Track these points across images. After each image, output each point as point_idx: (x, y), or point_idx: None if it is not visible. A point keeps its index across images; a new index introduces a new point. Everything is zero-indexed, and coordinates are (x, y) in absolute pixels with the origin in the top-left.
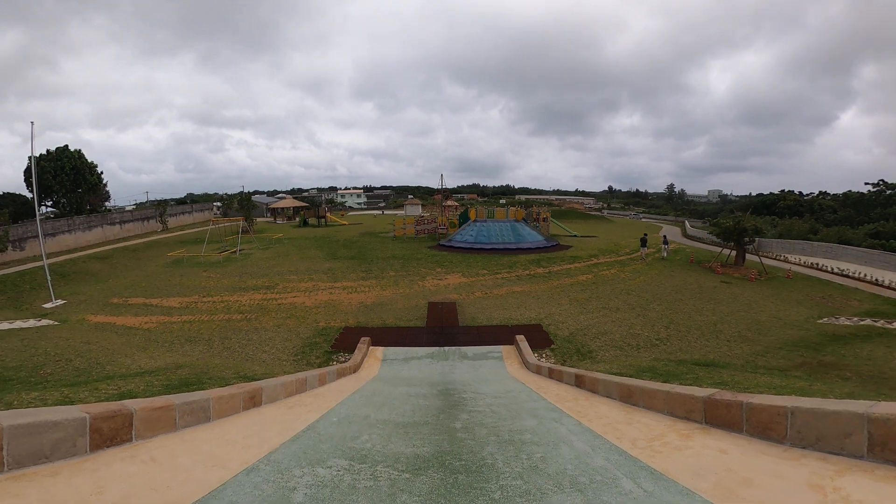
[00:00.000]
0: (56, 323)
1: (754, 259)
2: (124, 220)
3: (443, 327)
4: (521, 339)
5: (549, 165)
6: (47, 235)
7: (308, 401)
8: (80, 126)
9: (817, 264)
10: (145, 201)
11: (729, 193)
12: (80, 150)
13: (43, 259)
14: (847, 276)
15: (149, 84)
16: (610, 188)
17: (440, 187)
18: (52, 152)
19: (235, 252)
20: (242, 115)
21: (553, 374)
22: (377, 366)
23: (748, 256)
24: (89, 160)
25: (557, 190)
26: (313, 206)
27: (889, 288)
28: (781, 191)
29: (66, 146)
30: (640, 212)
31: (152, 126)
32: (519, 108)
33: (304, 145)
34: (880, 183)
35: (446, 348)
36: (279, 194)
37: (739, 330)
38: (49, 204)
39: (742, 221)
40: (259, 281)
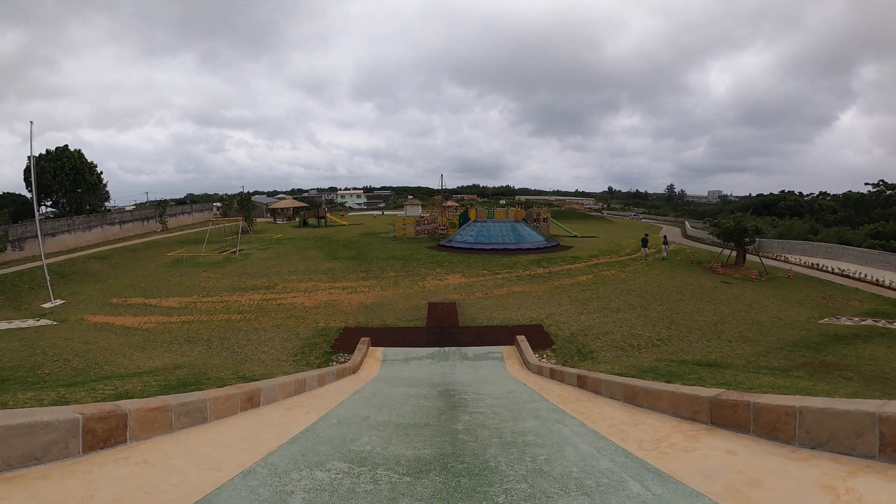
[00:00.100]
0: (55, 323)
1: (755, 259)
2: (124, 221)
3: (443, 328)
4: (521, 339)
5: (549, 166)
6: (47, 235)
7: (307, 402)
8: (81, 126)
9: (818, 265)
10: (145, 201)
11: (729, 194)
12: (79, 150)
13: (42, 259)
14: (847, 276)
15: (149, 84)
16: (610, 189)
17: (440, 188)
18: (51, 152)
19: (235, 252)
20: (242, 116)
21: (555, 375)
22: (377, 366)
23: (748, 257)
24: (89, 160)
25: (557, 191)
26: (313, 206)
27: (889, 288)
28: (781, 191)
29: (65, 146)
30: (640, 212)
31: (152, 126)
32: (519, 109)
33: (305, 146)
34: (880, 183)
35: (446, 349)
36: (279, 195)
37: (740, 330)
38: (49, 204)
39: (742, 222)
40: (258, 281)
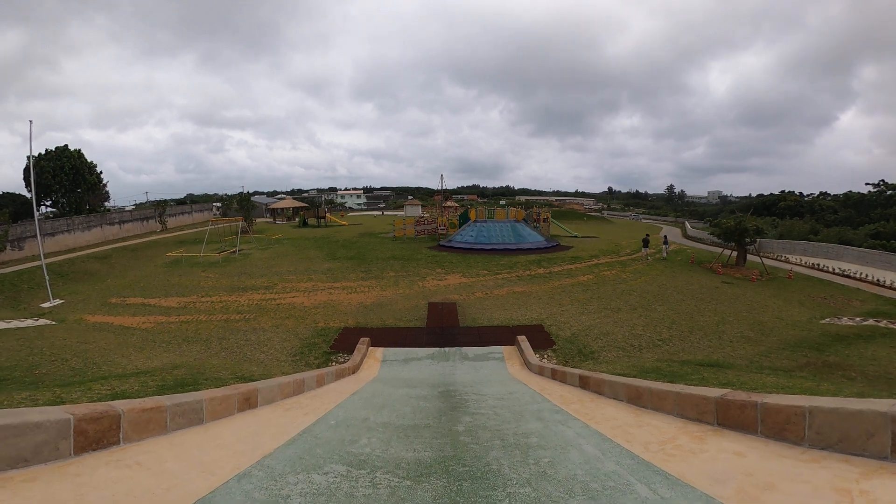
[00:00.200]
0: (53, 323)
1: (755, 259)
2: (123, 220)
3: (443, 328)
4: (522, 339)
5: (548, 166)
6: (46, 235)
7: (305, 402)
8: (81, 126)
9: (818, 265)
10: (145, 201)
11: (729, 194)
12: (79, 150)
13: (41, 259)
14: (848, 276)
15: (149, 84)
16: (610, 189)
17: (440, 188)
18: (51, 152)
19: (234, 252)
20: (243, 116)
21: (556, 375)
22: (377, 367)
23: (749, 257)
24: (89, 160)
25: (557, 191)
26: (313, 206)
27: (891, 288)
28: (782, 191)
29: (65, 146)
30: (640, 213)
31: (152, 126)
32: (519, 109)
33: (305, 146)
34: (881, 183)
35: (447, 349)
36: (279, 195)
37: (742, 330)
38: (48, 204)
39: (743, 222)
40: (258, 281)
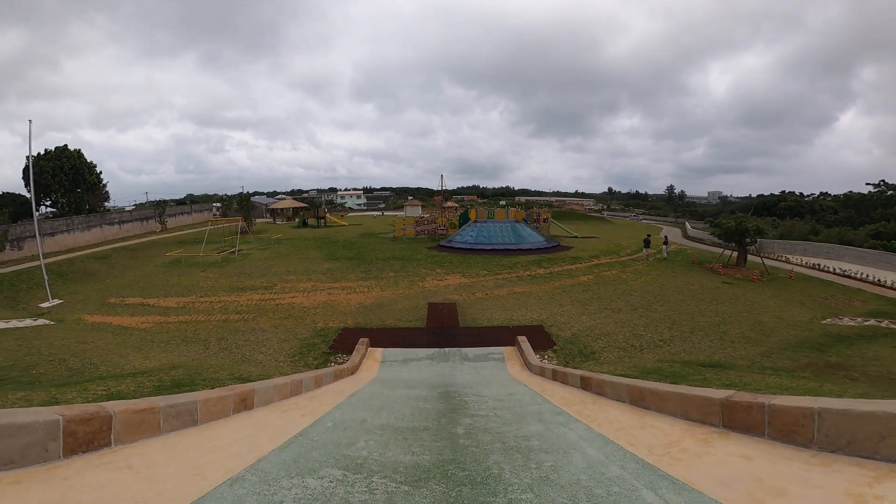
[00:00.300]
0: (52, 322)
1: (756, 260)
2: (123, 221)
3: (443, 328)
4: (522, 340)
5: (548, 167)
6: (46, 235)
7: (303, 404)
8: (81, 126)
9: (819, 265)
10: (145, 202)
11: (729, 195)
12: (79, 150)
13: (40, 259)
14: (849, 276)
15: (149, 85)
16: (610, 189)
17: (440, 188)
18: (50, 152)
19: (234, 252)
20: (243, 116)
21: (557, 376)
22: (376, 367)
23: (749, 257)
24: (88, 160)
25: (557, 191)
26: (313, 206)
27: (891, 288)
28: (782, 192)
29: (65, 146)
30: (640, 213)
31: (153, 127)
32: (519, 110)
33: (305, 146)
34: (881, 183)
35: (447, 349)
36: (279, 195)
37: (743, 331)
38: (48, 204)
39: (744, 222)
40: (257, 281)
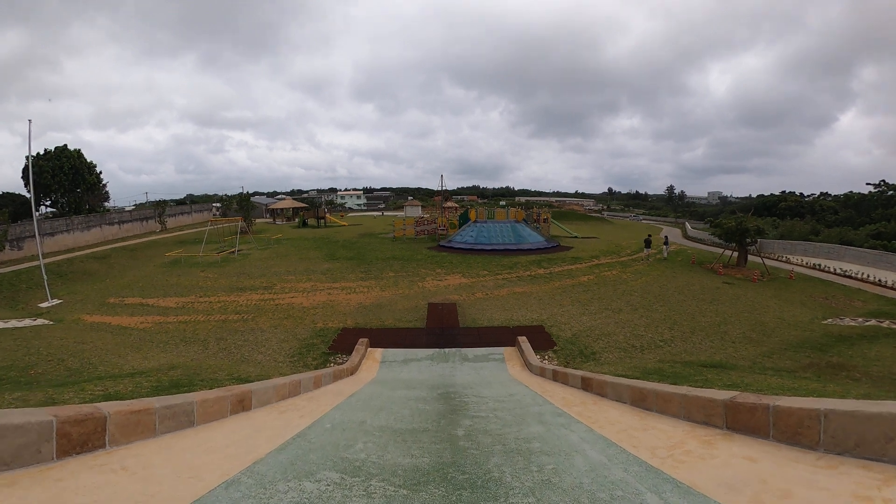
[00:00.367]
0: (51, 322)
1: (756, 260)
2: (123, 221)
3: (443, 328)
4: (523, 340)
5: (548, 167)
6: (45, 235)
7: (301, 405)
8: (81, 127)
9: (819, 265)
10: (145, 202)
11: (729, 195)
12: (79, 150)
13: (40, 258)
14: (849, 276)
15: (150, 85)
16: (610, 190)
17: (440, 188)
18: (50, 152)
19: (234, 252)
20: (243, 117)
21: (558, 377)
22: (375, 368)
23: (750, 257)
24: (88, 160)
25: (557, 192)
26: (313, 207)
27: (892, 289)
28: (782, 192)
29: (64, 146)
30: (640, 213)
31: (153, 127)
32: (519, 110)
33: (305, 146)
34: (881, 184)
35: (446, 350)
36: (279, 195)
37: (744, 331)
38: (48, 203)
39: (744, 222)
40: (257, 281)
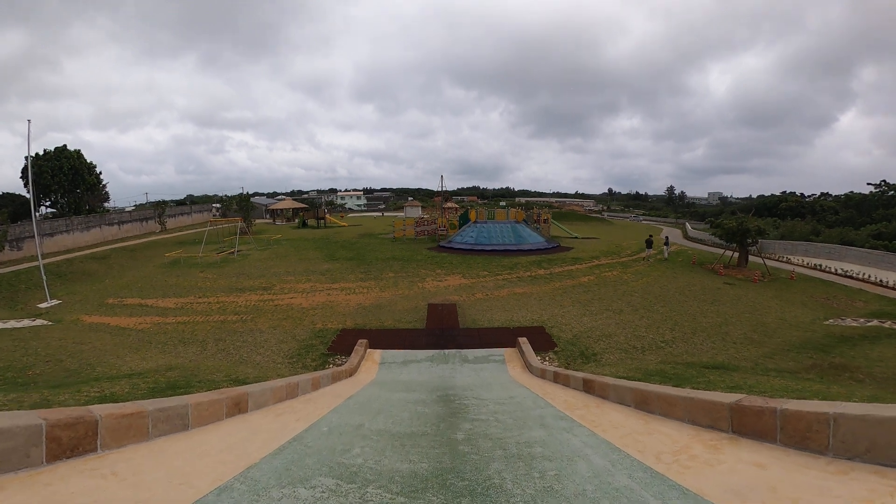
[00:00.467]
0: (50, 323)
1: (757, 260)
2: (123, 221)
3: (443, 329)
4: (523, 341)
5: (548, 168)
6: (45, 235)
7: (298, 407)
8: (81, 127)
9: (820, 265)
10: (145, 202)
11: (729, 195)
12: (78, 150)
13: (39, 259)
14: (850, 276)
15: (150, 85)
16: (610, 190)
17: (440, 189)
18: (50, 152)
19: (233, 253)
20: (243, 117)
21: (559, 379)
22: (375, 369)
23: (751, 258)
24: (88, 160)
25: (557, 192)
26: (312, 207)
27: (894, 289)
28: (783, 192)
29: (64, 146)
30: (641, 214)
31: (153, 127)
32: (519, 111)
33: (305, 147)
34: (882, 184)
35: (446, 351)
36: (279, 196)
37: (745, 332)
38: (48, 204)
39: (745, 222)
40: (256, 282)
